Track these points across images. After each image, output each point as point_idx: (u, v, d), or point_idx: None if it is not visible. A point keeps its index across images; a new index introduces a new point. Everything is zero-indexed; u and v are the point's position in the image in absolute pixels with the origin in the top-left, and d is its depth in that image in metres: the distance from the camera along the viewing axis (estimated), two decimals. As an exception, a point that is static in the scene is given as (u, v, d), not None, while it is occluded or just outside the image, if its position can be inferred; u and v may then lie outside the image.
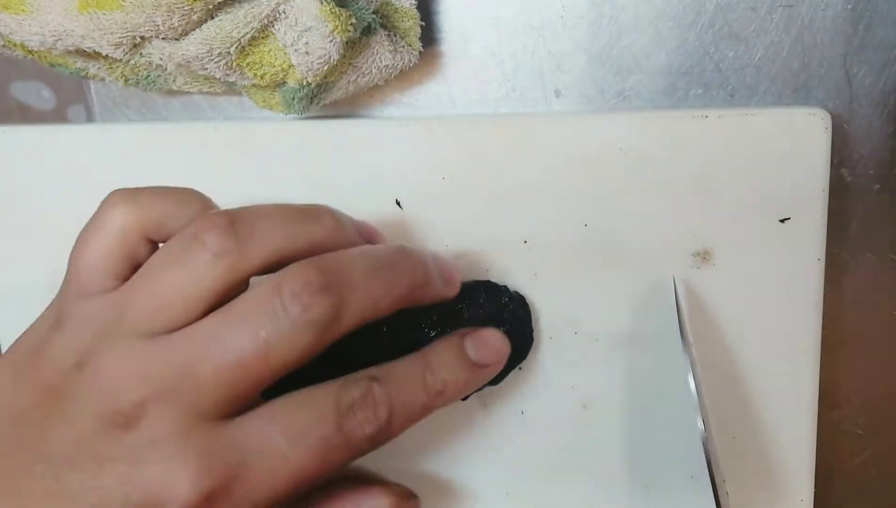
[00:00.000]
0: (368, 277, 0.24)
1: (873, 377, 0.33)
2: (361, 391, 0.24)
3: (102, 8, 0.26)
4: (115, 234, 0.25)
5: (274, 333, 0.22)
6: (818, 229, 0.29)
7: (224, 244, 0.23)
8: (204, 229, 0.23)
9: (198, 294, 0.23)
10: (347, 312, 0.23)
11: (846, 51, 0.30)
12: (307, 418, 0.23)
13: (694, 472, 0.32)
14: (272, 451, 0.22)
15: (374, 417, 0.24)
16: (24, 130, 0.33)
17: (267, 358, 0.22)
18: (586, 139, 0.30)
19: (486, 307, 0.29)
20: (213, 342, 0.22)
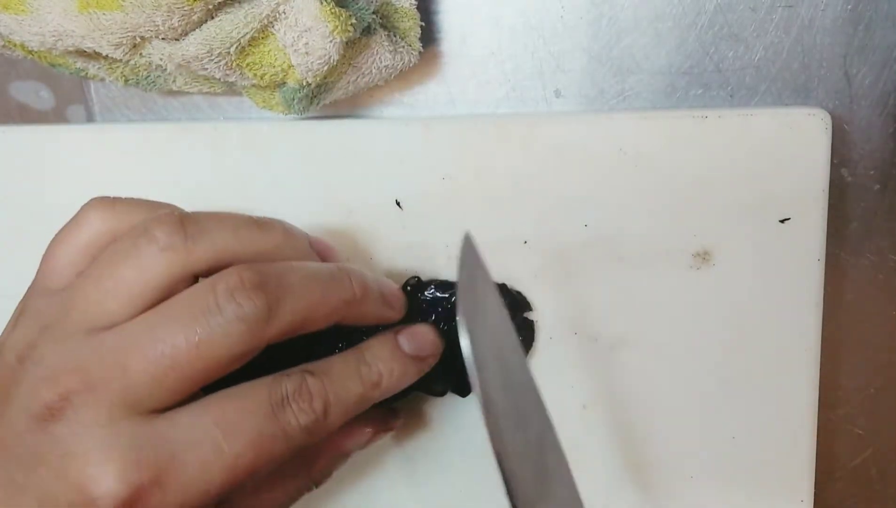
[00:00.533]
0: (304, 282, 0.24)
1: (873, 377, 0.33)
2: (295, 383, 0.24)
3: (102, 8, 0.26)
4: (87, 236, 0.25)
5: (206, 327, 0.22)
6: (818, 230, 0.29)
7: (171, 240, 0.24)
8: (155, 224, 0.24)
9: (141, 288, 0.23)
10: (280, 312, 0.23)
11: (846, 51, 0.30)
12: (241, 409, 0.23)
13: (694, 472, 0.32)
14: (205, 442, 0.22)
15: (310, 408, 0.24)
16: (24, 130, 0.33)
17: (198, 352, 0.22)
18: (586, 139, 0.30)
19: None
20: (145, 336, 0.23)
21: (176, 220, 0.24)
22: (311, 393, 0.24)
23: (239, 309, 0.23)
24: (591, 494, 0.32)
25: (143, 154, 0.32)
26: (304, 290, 0.24)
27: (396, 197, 0.31)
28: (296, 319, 0.24)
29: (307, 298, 0.24)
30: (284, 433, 0.23)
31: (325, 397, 0.25)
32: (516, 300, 0.30)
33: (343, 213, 0.31)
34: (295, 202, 0.31)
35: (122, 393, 0.22)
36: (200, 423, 0.23)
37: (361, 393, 0.26)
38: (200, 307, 0.23)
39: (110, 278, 0.24)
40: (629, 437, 0.32)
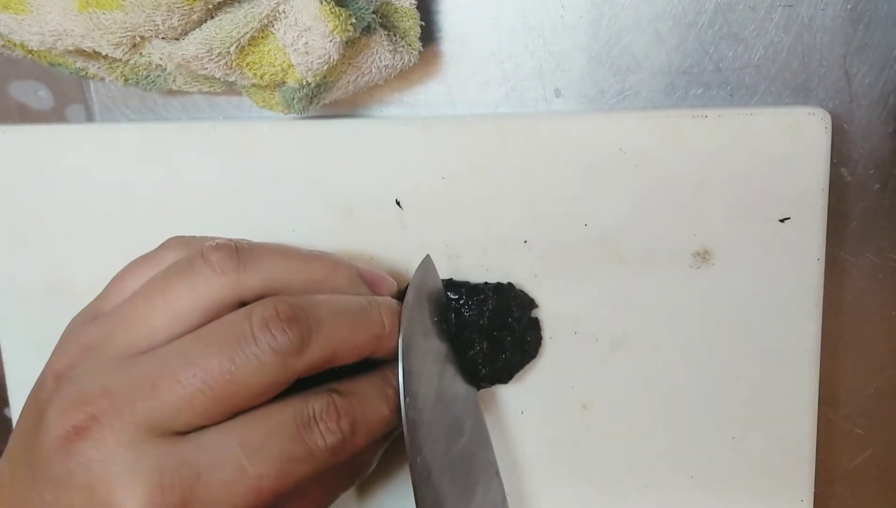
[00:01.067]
0: (335, 317, 0.25)
1: (873, 376, 0.33)
2: (322, 402, 0.24)
3: (102, 7, 0.26)
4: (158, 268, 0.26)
5: (240, 355, 0.23)
6: (818, 229, 0.29)
7: (225, 265, 0.24)
8: (210, 249, 0.25)
9: (190, 307, 0.24)
10: (312, 346, 0.24)
11: (846, 50, 0.30)
12: (267, 429, 0.23)
13: (694, 472, 0.32)
14: (230, 463, 0.22)
15: (337, 428, 0.24)
16: (24, 129, 0.33)
17: (230, 377, 0.23)
18: (586, 139, 0.30)
19: (492, 308, 0.30)
20: (178, 359, 0.23)
21: (231, 247, 0.25)
22: (339, 413, 0.24)
23: (273, 340, 0.23)
24: (591, 494, 0.32)
25: (142, 154, 0.32)
26: (334, 324, 0.25)
27: (396, 197, 0.31)
28: (326, 353, 0.24)
29: (337, 333, 0.25)
30: (310, 453, 0.23)
31: (352, 416, 0.25)
32: (521, 299, 0.30)
33: (343, 212, 0.31)
34: (295, 202, 0.31)
35: (148, 414, 0.22)
36: (225, 444, 0.23)
37: (386, 416, 0.26)
38: (236, 335, 0.23)
39: (161, 295, 0.24)
40: (629, 437, 0.32)
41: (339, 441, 0.24)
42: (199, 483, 0.22)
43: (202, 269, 0.24)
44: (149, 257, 0.27)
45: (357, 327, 0.25)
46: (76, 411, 0.23)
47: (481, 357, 0.30)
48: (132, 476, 0.22)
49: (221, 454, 0.22)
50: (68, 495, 0.22)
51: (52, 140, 0.32)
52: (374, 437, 0.26)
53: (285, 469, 0.23)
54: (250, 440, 0.23)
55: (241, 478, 0.22)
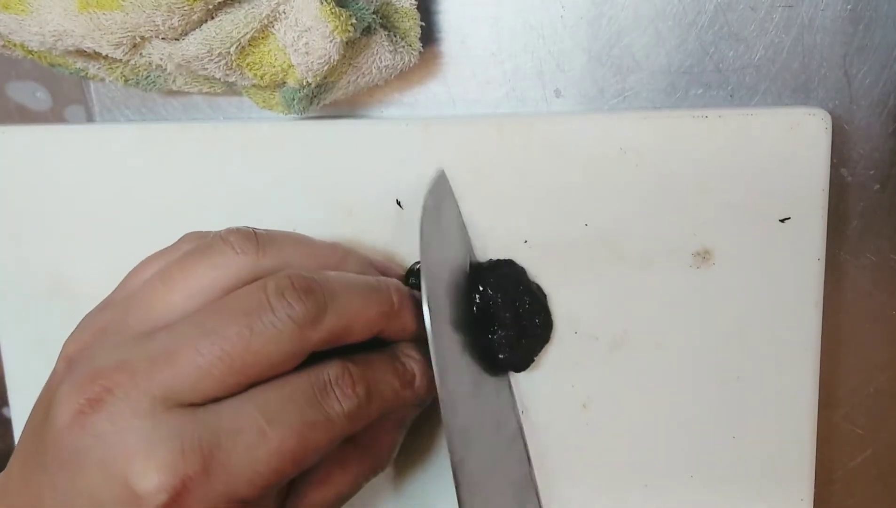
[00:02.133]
0: (348, 291, 0.25)
1: (873, 376, 0.33)
2: (337, 370, 0.24)
3: (102, 8, 0.26)
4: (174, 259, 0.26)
5: (258, 323, 0.23)
6: (818, 229, 0.29)
7: (244, 245, 0.25)
8: (229, 232, 0.25)
9: (209, 283, 0.24)
10: (328, 317, 0.24)
11: (846, 51, 0.30)
12: (284, 395, 0.23)
13: (694, 472, 0.32)
14: (249, 428, 0.22)
15: (353, 393, 0.24)
16: (24, 130, 0.33)
17: (248, 345, 0.23)
18: (586, 139, 0.30)
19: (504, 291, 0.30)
20: (196, 329, 0.23)
21: (249, 230, 0.26)
22: (353, 379, 0.24)
23: (290, 309, 0.23)
24: (591, 494, 0.32)
25: (143, 154, 0.32)
26: (347, 296, 0.25)
27: (397, 197, 0.31)
28: (340, 325, 0.25)
29: (352, 304, 0.25)
30: (327, 418, 0.24)
31: (366, 383, 0.25)
32: (534, 293, 0.30)
33: (343, 213, 0.31)
34: (295, 202, 0.31)
35: (165, 384, 0.22)
36: (244, 410, 0.23)
37: (397, 389, 0.26)
38: (253, 305, 0.23)
39: (180, 273, 0.25)
40: (629, 437, 0.32)
41: (356, 407, 0.24)
42: (219, 449, 0.22)
43: (221, 248, 0.25)
44: (165, 250, 0.27)
45: (369, 302, 0.26)
46: (90, 385, 0.22)
47: (504, 341, 0.30)
48: (151, 445, 0.22)
49: (241, 419, 0.22)
50: (82, 474, 0.22)
51: (53, 140, 0.33)
52: (386, 408, 0.26)
53: (304, 434, 0.23)
54: (269, 406, 0.23)
55: (262, 442, 0.22)
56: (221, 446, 0.22)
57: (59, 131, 0.33)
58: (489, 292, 0.30)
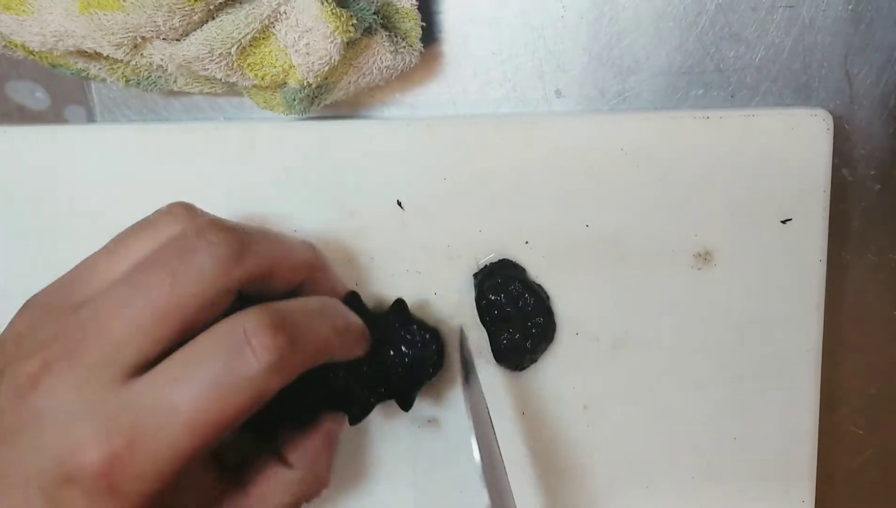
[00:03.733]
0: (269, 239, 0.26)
1: (874, 377, 0.33)
2: (255, 319, 0.23)
3: (103, 8, 0.26)
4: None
5: (179, 266, 0.23)
6: (819, 230, 0.29)
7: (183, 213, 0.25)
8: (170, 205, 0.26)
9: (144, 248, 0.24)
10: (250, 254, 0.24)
11: (847, 51, 0.30)
12: (195, 362, 0.22)
13: (694, 472, 0.32)
14: (161, 403, 0.22)
15: (273, 343, 0.23)
16: (25, 130, 0.33)
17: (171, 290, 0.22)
18: (587, 140, 0.30)
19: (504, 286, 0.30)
20: (123, 288, 0.23)
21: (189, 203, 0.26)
22: (274, 327, 0.23)
23: (210, 246, 0.23)
24: (591, 494, 0.32)
25: (143, 155, 0.32)
26: (271, 240, 0.25)
27: (397, 197, 0.31)
28: (263, 261, 0.24)
29: (274, 247, 0.25)
30: (245, 377, 0.22)
31: (289, 331, 0.23)
32: (538, 293, 0.30)
33: (344, 213, 0.31)
34: (296, 202, 0.31)
35: (99, 353, 0.22)
36: (157, 385, 0.22)
37: (327, 337, 0.25)
38: (175, 251, 0.23)
39: (121, 244, 0.25)
40: (630, 437, 0.32)
41: (277, 359, 0.22)
42: (139, 426, 0.22)
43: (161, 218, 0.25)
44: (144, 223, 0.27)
45: (292, 251, 0.26)
46: (30, 361, 0.22)
47: (508, 341, 0.30)
48: (81, 422, 0.22)
49: (155, 395, 0.22)
50: (21, 450, 0.22)
51: (53, 141, 0.32)
52: (316, 359, 0.25)
53: (222, 398, 0.22)
54: (179, 375, 0.22)
55: (175, 416, 0.22)
56: (140, 422, 0.22)
57: (61, 131, 0.33)
58: (493, 294, 0.30)
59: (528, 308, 0.30)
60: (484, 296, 0.30)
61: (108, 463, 0.22)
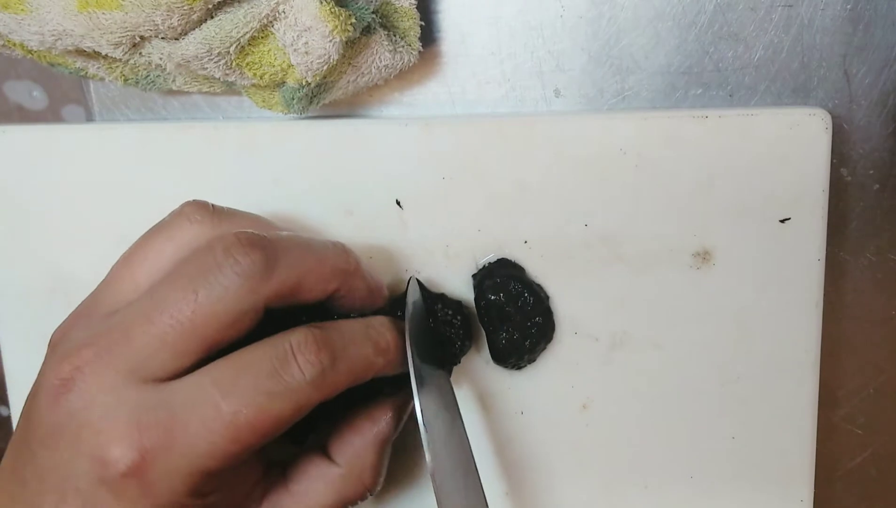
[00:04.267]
0: (300, 247, 0.25)
1: (873, 377, 0.33)
2: (300, 336, 0.24)
3: (102, 7, 0.26)
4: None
5: (205, 285, 0.23)
6: (818, 229, 0.29)
7: (200, 213, 0.26)
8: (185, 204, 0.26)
9: (170, 256, 0.25)
10: (278, 270, 0.24)
11: (846, 51, 0.30)
12: (241, 366, 0.23)
13: (694, 472, 0.32)
14: (204, 401, 0.22)
15: (316, 359, 0.23)
16: (24, 129, 0.33)
17: (197, 308, 0.23)
18: (586, 139, 0.30)
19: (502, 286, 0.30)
20: (149, 302, 0.23)
21: (205, 201, 0.26)
22: (318, 344, 0.24)
23: (237, 265, 0.23)
24: (591, 494, 0.32)
25: (142, 154, 0.32)
26: (300, 251, 0.25)
27: (396, 197, 0.31)
28: (291, 276, 0.24)
29: (304, 258, 0.25)
30: (288, 388, 0.23)
31: (331, 349, 0.24)
32: (537, 293, 0.30)
33: (343, 212, 0.31)
34: (295, 202, 0.31)
35: (126, 358, 0.23)
36: (200, 384, 0.23)
37: (368, 355, 0.25)
38: (200, 268, 0.23)
39: (140, 250, 0.25)
40: (629, 437, 0.32)
41: (319, 373, 0.23)
42: (175, 422, 0.22)
43: (177, 221, 0.25)
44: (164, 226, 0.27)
45: (324, 259, 0.25)
46: (63, 365, 0.23)
47: (506, 340, 0.30)
48: (113, 420, 0.22)
49: (196, 393, 0.22)
50: (57, 450, 0.22)
51: (53, 140, 0.32)
52: (356, 377, 0.25)
53: (262, 405, 0.22)
54: (224, 378, 0.23)
55: (216, 415, 0.22)
56: (177, 419, 0.22)
57: (59, 131, 0.33)
58: (492, 293, 0.30)
59: (528, 308, 0.30)
60: (483, 296, 0.30)
61: (141, 459, 0.22)
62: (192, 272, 0.23)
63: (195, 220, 0.25)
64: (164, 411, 0.22)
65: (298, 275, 0.24)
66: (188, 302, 0.23)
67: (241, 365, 0.23)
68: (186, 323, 0.23)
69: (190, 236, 0.25)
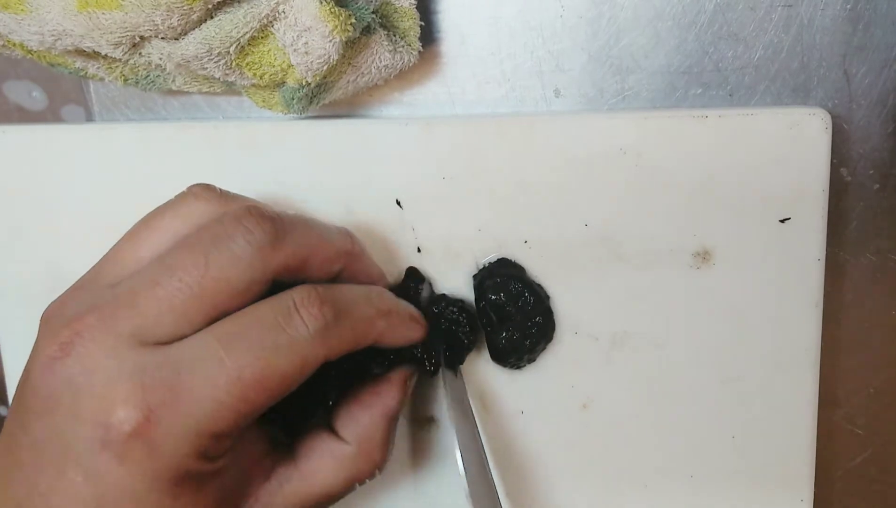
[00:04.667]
0: (305, 225, 0.25)
1: (873, 376, 0.33)
2: (303, 292, 0.24)
3: (102, 7, 0.26)
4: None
5: (215, 251, 0.23)
6: (818, 229, 0.29)
7: (208, 193, 0.26)
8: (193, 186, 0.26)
9: (174, 233, 0.25)
10: (286, 242, 0.24)
11: (845, 51, 0.30)
12: (245, 322, 0.23)
13: (694, 472, 0.32)
14: (208, 357, 0.22)
15: (319, 313, 0.24)
16: (24, 129, 0.33)
17: (207, 273, 0.23)
18: (586, 139, 0.30)
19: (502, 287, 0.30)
20: (157, 267, 0.23)
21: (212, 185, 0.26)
22: (321, 300, 0.24)
23: (248, 233, 0.24)
24: (591, 494, 0.32)
25: (142, 154, 0.32)
26: (308, 229, 0.25)
27: (396, 197, 0.31)
28: (300, 252, 0.24)
29: (311, 236, 0.25)
30: (292, 342, 0.23)
31: (334, 304, 0.24)
32: (538, 293, 0.30)
33: (343, 212, 0.31)
34: (295, 202, 0.31)
35: (130, 322, 0.22)
36: (204, 341, 0.23)
37: (371, 315, 0.26)
38: (211, 236, 0.23)
39: (146, 227, 0.25)
40: (629, 437, 0.32)
41: (323, 327, 0.24)
42: (179, 380, 0.22)
43: (186, 200, 0.26)
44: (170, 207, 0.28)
45: (330, 239, 0.26)
46: (60, 332, 0.23)
47: (506, 340, 0.30)
48: (116, 382, 0.22)
49: (200, 350, 0.22)
50: (54, 417, 0.22)
51: (53, 140, 0.32)
52: (360, 338, 0.25)
53: (267, 359, 0.22)
54: (228, 334, 0.23)
55: (221, 370, 0.22)
56: (182, 377, 0.22)
57: (59, 131, 0.33)
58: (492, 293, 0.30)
59: (528, 308, 0.30)
60: (483, 296, 0.30)
61: (146, 420, 0.21)
62: (204, 239, 0.23)
63: (203, 198, 0.25)
64: (168, 370, 0.22)
65: (306, 250, 0.25)
66: (198, 267, 0.23)
67: (245, 322, 0.23)
68: (195, 287, 0.23)
69: (198, 213, 0.25)
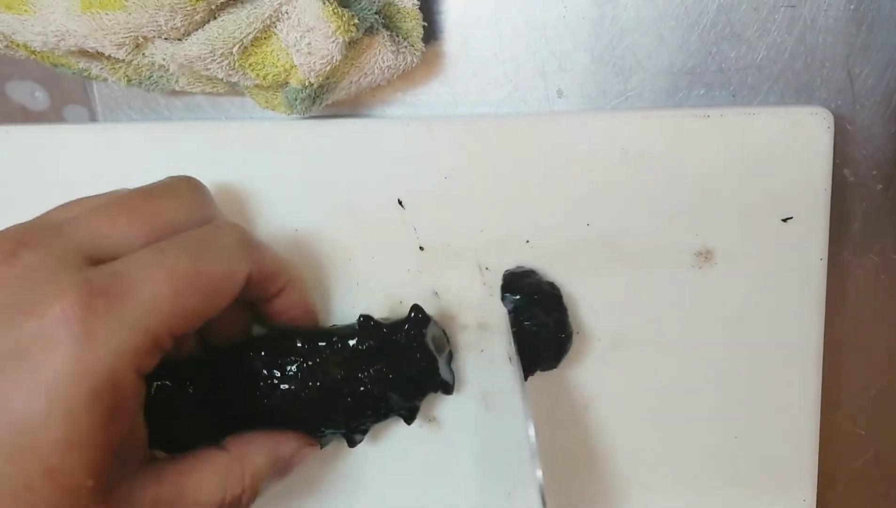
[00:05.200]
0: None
1: (875, 377, 0.33)
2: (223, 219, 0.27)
3: (105, 8, 0.26)
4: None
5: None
6: (820, 229, 0.29)
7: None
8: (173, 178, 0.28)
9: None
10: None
11: (848, 51, 0.30)
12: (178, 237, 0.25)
13: (694, 472, 0.32)
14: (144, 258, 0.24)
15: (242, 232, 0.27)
16: (27, 129, 0.33)
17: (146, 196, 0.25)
18: (588, 139, 0.30)
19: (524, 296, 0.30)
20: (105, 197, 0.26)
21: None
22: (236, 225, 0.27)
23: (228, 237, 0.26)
24: (592, 493, 0.32)
25: (145, 154, 0.32)
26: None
27: (398, 197, 0.31)
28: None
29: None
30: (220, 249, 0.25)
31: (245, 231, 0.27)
32: (552, 294, 0.30)
33: (345, 212, 0.31)
34: (297, 201, 0.31)
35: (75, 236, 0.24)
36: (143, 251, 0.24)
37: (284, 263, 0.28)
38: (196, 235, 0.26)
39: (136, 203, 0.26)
40: (631, 437, 0.32)
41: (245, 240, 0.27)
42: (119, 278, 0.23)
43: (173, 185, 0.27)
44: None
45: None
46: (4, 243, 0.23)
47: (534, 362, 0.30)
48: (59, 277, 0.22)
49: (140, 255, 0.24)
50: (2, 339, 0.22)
51: (55, 140, 0.33)
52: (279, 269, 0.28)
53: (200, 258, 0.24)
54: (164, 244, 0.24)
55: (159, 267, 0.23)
56: (121, 276, 0.23)
57: (63, 131, 0.33)
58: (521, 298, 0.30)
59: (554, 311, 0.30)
60: (517, 321, 0.30)
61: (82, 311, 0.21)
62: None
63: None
64: (109, 270, 0.23)
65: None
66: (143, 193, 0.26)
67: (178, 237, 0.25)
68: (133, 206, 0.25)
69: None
